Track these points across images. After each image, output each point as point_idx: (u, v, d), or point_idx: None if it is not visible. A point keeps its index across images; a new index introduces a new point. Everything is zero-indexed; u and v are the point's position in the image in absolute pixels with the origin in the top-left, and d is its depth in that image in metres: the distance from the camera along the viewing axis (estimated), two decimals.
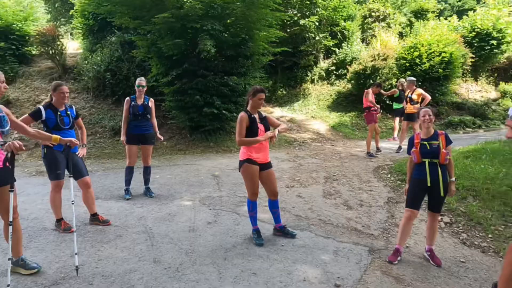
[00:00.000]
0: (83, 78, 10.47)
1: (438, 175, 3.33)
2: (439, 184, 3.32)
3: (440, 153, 3.33)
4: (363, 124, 11.63)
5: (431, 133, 3.46)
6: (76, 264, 3.02)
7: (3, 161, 2.70)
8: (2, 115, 2.79)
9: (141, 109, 4.97)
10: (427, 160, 3.37)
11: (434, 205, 3.45)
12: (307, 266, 3.25)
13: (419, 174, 3.43)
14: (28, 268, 2.97)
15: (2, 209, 2.83)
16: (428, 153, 3.38)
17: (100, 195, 5.24)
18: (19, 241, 3.02)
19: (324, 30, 13.33)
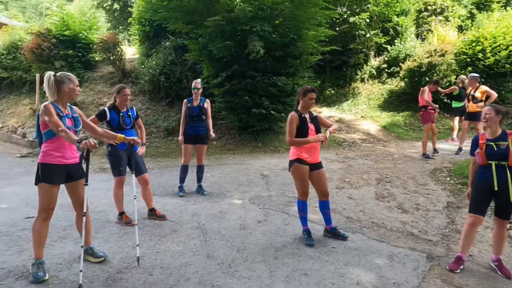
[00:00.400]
0: (140, 81, 11.13)
1: (507, 178, 3.05)
2: (507, 188, 3.05)
3: (509, 154, 3.06)
4: (418, 124, 11.02)
5: (498, 133, 3.18)
6: (137, 255, 3.23)
7: (80, 157, 2.96)
8: (76, 116, 3.09)
9: (197, 110, 5.19)
10: (494, 162, 3.11)
11: (502, 211, 3.17)
12: (360, 269, 3.17)
13: (484, 177, 3.17)
14: (96, 257, 3.23)
15: (76, 201, 3.13)
16: (495, 155, 3.11)
17: (156, 192, 5.53)
18: (89, 231, 3.29)
19: (375, 26, 12.84)
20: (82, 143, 2.67)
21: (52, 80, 2.93)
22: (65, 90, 2.97)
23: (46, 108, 2.82)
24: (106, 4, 22.19)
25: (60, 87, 2.96)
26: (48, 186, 2.90)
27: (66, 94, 2.99)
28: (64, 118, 2.91)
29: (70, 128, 2.95)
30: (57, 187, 2.96)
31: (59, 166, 2.93)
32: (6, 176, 6.63)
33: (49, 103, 2.90)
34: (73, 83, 3.03)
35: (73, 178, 3.04)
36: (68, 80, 3.00)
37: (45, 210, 2.95)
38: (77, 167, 3.06)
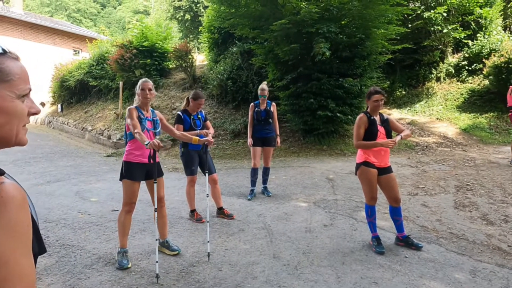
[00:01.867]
0: (209, 86, 11.71)
1: None
2: None
3: None
4: (506, 126, 9.85)
5: None
6: (208, 251, 3.40)
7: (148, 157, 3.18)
8: (156, 119, 3.38)
9: (264, 114, 5.28)
10: None
11: None
12: (437, 283, 2.94)
13: None
14: (171, 250, 3.48)
15: (151, 197, 3.41)
16: None
17: (224, 192, 5.75)
18: (165, 225, 3.56)
19: (453, 21, 11.80)
20: (148, 144, 2.91)
21: (137, 87, 3.30)
22: (138, 95, 3.31)
23: (129, 111, 3.19)
24: (178, 15, 23.79)
25: (136, 92, 3.33)
26: (130, 182, 3.23)
27: (140, 99, 3.30)
28: (144, 120, 3.22)
29: (149, 129, 3.24)
30: (137, 183, 3.27)
31: (139, 164, 3.25)
32: (95, 173, 7.47)
33: (133, 107, 3.26)
34: (140, 89, 3.29)
35: (151, 176, 3.32)
36: (138, 86, 3.31)
37: (128, 204, 3.28)
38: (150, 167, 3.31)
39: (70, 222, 4.45)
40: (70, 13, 47.93)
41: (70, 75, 15.61)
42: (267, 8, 8.21)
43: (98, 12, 51.90)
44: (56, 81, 16.71)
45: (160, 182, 3.37)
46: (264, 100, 5.32)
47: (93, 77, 14.56)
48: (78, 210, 4.92)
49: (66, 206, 5.14)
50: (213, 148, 9.41)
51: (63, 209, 4.96)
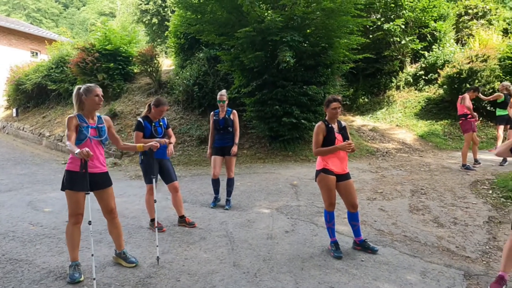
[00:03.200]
0: (175, 92, 11.54)
1: None
2: None
3: None
4: (458, 133, 10.48)
5: None
6: (157, 255, 3.44)
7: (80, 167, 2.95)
8: (102, 126, 3.25)
9: (222, 123, 5.16)
10: None
11: None
12: (390, 285, 3.05)
13: None
14: (128, 262, 3.36)
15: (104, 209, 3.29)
16: None
17: (187, 199, 5.68)
18: (119, 236, 3.41)
19: (411, 33, 12.47)
20: (78, 153, 2.74)
21: (75, 93, 3.16)
22: (85, 101, 3.14)
23: (68, 121, 3.05)
24: (145, 19, 23.33)
25: (81, 99, 3.15)
26: (72, 193, 3.04)
27: (87, 105, 3.15)
28: (86, 129, 3.09)
29: (93, 138, 3.12)
30: (81, 193, 3.03)
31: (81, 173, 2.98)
32: (50, 182, 7.11)
33: (73, 115, 3.10)
34: (92, 94, 3.13)
35: (99, 187, 3.17)
36: (87, 92, 3.14)
37: (74, 216, 3.09)
38: (103, 176, 3.19)
39: (20, 234, 4.20)
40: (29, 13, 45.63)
41: (26, 78, 14.83)
42: (233, 16, 8.26)
43: (60, 13, 49.78)
44: (11, 84, 15.80)
45: (109, 192, 3.23)
46: (223, 107, 5.23)
47: (52, 80, 13.91)
48: (29, 222, 4.65)
49: (17, 217, 4.85)
50: (178, 154, 9.27)
51: (13, 221, 4.67)
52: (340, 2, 7.45)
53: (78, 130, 3.05)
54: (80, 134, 3.05)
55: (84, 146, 2.99)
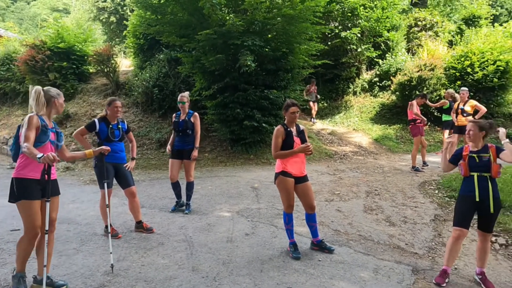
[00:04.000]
0: (133, 93, 11.18)
1: (488, 190, 3.11)
2: (489, 200, 3.10)
3: (491, 166, 3.12)
4: (409, 137, 11.13)
5: (480, 146, 3.25)
6: (111, 263, 3.30)
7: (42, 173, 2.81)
8: (60, 131, 3.09)
9: (182, 125, 5.06)
10: (476, 174, 3.17)
11: (484, 224, 3.22)
12: (344, 283, 3.17)
13: (467, 189, 3.23)
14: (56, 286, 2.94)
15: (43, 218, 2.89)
16: (477, 167, 3.18)
17: (145, 204, 5.51)
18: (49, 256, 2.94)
19: (366, 41, 13.09)
20: (42, 158, 2.58)
21: (42, 94, 2.91)
22: (56, 104, 2.99)
23: (29, 120, 2.77)
24: (103, 17, 22.39)
25: (50, 101, 2.97)
26: (28, 203, 2.78)
27: (55, 109, 3.01)
28: (49, 131, 2.91)
29: (53, 141, 2.95)
30: (37, 202, 2.83)
31: (34, 180, 2.81)
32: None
33: (35, 115, 2.85)
34: (61, 98, 3.08)
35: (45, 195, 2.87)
36: (57, 95, 3.03)
37: (32, 229, 2.80)
38: (54, 183, 2.97)
39: None
40: None
41: None
42: (194, 18, 8.19)
43: (7, 7, 46.33)
44: None
45: (55, 202, 2.98)
46: (184, 108, 5.13)
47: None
48: None
49: None
50: (137, 158, 8.97)
51: None
52: (300, 9, 7.65)
53: (39, 132, 2.82)
54: (43, 136, 2.84)
55: (44, 150, 2.79)
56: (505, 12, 32.01)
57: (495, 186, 3.15)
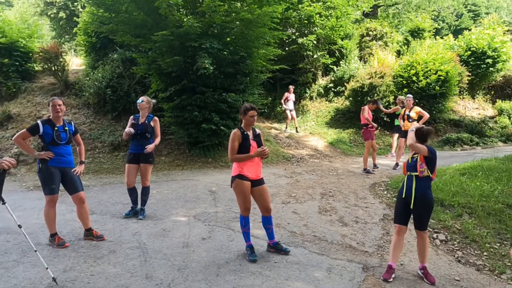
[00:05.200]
0: (84, 94, 10.61)
1: (412, 188, 3.38)
2: (411, 196, 3.37)
3: (417, 165, 3.38)
4: (361, 140, 11.69)
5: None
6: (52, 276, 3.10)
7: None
8: None
9: (141, 128, 4.89)
10: (408, 173, 3.48)
11: (415, 221, 3.49)
12: (299, 283, 3.24)
13: (401, 188, 3.53)
14: None
15: None
16: (408, 167, 3.48)
17: (96, 210, 5.25)
18: None
19: (322, 48, 13.58)
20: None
21: None
22: None
23: None
24: (51, 12, 21.01)
25: None
26: None
27: None
28: None
29: None
30: None
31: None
32: None
33: None
34: None
35: None
36: None
37: None
38: None
39: None
40: None
41: None
42: (151, 18, 7.97)
43: None
44: None
45: None
46: (145, 111, 4.97)
47: None
48: None
49: None
50: (88, 162, 8.52)
51: None
52: (258, 14, 7.75)
53: None
54: None
55: None
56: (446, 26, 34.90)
57: (420, 185, 3.36)
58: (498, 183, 5.74)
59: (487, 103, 15.95)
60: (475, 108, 15.51)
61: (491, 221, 4.62)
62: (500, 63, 14.66)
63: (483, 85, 15.98)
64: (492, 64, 14.45)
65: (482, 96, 16.15)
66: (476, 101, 15.91)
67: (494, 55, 14.41)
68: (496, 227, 4.51)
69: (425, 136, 3.40)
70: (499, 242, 4.26)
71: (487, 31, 15.03)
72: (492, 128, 13.67)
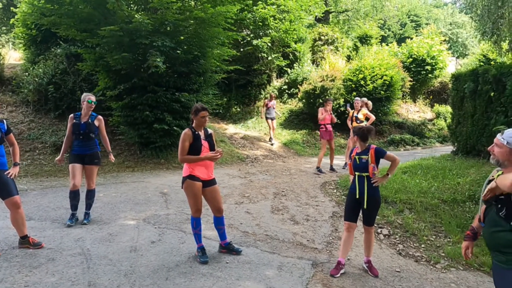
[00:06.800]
0: (23, 90, 9.79)
1: (364, 188, 3.52)
2: (364, 197, 3.51)
3: (368, 167, 3.54)
4: (314, 141, 12.08)
5: (363, 148, 3.64)
6: None
7: None
8: None
9: (84, 127, 4.60)
10: (357, 173, 3.58)
11: (364, 218, 3.65)
12: (250, 282, 3.25)
13: (351, 187, 3.66)
14: None
15: None
16: (357, 167, 3.59)
17: (35, 216, 4.86)
18: None
19: (276, 50, 13.81)
20: None
21: None
22: None
23: None
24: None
25: None
26: None
27: None
28: None
29: None
30: None
31: None
32: None
33: None
34: None
35: None
36: None
37: None
38: None
39: None
40: None
41: None
42: (98, 12, 7.56)
43: None
44: None
45: None
46: (89, 109, 4.68)
47: None
48: None
49: None
50: (27, 164, 7.88)
51: None
52: (211, 13, 7.68)
53: None
54: None
55: None
56: (391, 34, 37.30)
57: (372, 185, 3.53)
58: (435, 180, 6.23)
59: (426, 107, 17.27)
60: (416, 111, 16.72)
61: (428, 215, 5.00)
62: (437, 70, 15.99)
63: (423, 90, 17.30)
64: (431, 70, 15.71)
65: (422, 100, 17.46)
66: (417, 105, 17.15)
67: (433, 62, 15.68)
68: (432, 221, 4.89)
69: (365, 135, 3.58)
70: (434, 234, 4.62)
71: (426, 40, 16.29)
72: (431, 130, 14.83)
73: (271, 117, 11.35)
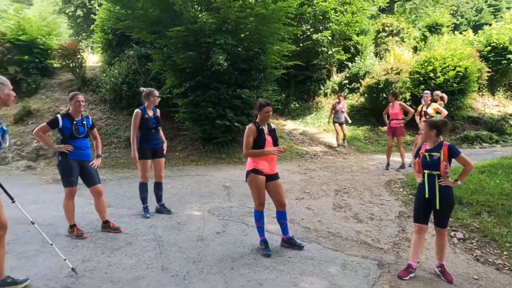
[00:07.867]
0: (101, 90, 10.81)
1: (435, 187, 3.26)
2: (435, 197, 3.26)
3: (440, 164, 3.27)
4: (376, 137, 11.55)
5: (435, 144, 3.37)
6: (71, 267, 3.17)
7: None
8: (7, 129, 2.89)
9: (154, 121, 4.82)
10: (427, 171, 3.33)
11: (436, 219, 3.38)
12: (314, 278, 3.23)
13: (420, 186, 3.41)
14: (19, 283, 2.88)
15: None
16: (427, 165, 3.33)
17: (113, 204, 5.35)
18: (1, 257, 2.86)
19: (337, 44, 13.41)
20: None
21: None
22: (1, 97, 2.74)
23: None
24: (68, 10, 21.45)
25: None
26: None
27: (1, 101, 2.77)
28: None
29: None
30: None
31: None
32: None
33: None
34: (7, 88, 2.77)
35: None
36: (2, 85, 2.74)
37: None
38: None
39: None
40: None
41: None
42: (166, 14, 8.04)
43: None
44: None
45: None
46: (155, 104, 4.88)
47: None
48: None
49: None
50: (105, 156, 8.69)
51: None
52: (272, 9, 7.71)
53: None
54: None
55: None
56: (465, 21, 34.00)
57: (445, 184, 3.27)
58: None
59: (507, 100, 15.46)
60: (495, 105, 15.05)
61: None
62: None
63: (504, 82, 15.49)
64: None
65: (502, 92, 15.66)
66: (496, 98, 15.43)
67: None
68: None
69: (440, 129, 3.32)
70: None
71: (508, 26, 14.56)
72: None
73: (339, 122, 10.18)
